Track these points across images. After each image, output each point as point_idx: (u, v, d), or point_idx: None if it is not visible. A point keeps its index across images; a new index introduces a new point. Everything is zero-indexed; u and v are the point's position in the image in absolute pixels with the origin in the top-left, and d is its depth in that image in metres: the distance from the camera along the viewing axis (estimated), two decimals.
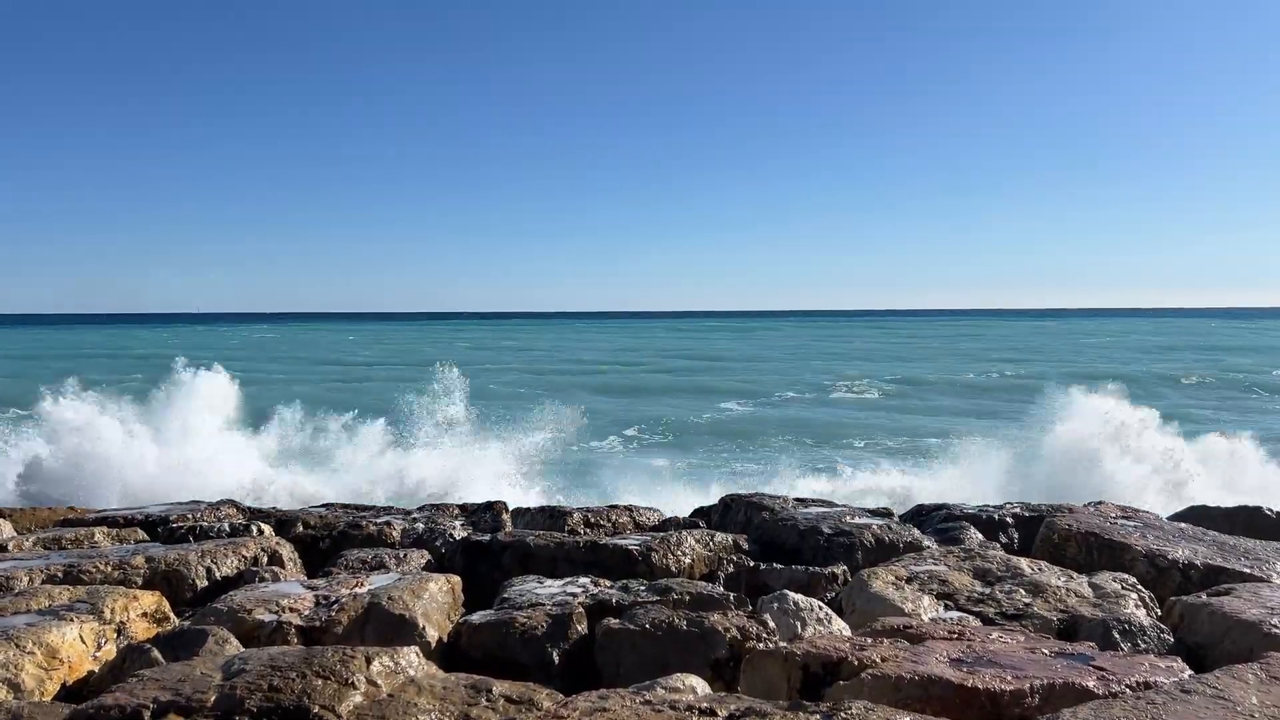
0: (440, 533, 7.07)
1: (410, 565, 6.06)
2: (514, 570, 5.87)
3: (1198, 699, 3.04)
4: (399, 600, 4.60)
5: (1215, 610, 4.33)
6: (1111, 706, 3.00)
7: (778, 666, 3.64)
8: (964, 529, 6.93)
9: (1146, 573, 5.48)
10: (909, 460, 17.77)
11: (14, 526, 7.38)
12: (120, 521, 7.30)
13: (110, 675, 3.85)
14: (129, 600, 4.56)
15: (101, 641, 4.20)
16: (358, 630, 4.45)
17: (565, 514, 7.85)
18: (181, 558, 5.67)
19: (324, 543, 6.98)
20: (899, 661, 3.48)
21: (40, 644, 3.91)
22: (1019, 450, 14.94)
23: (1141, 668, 3.49)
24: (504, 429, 16.22)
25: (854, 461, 17.80)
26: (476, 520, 7.97)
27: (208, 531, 6.93)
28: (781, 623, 4.58)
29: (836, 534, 6.51)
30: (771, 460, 17.99)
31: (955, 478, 14.25)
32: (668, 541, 6.21)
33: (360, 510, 8.36)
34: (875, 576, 5.07)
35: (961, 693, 3.24)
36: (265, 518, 7.70)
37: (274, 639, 4.31)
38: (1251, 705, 3.00)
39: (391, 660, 3.62)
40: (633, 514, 8.21)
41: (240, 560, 5.90)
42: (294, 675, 3.40)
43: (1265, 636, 3.99)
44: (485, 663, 4.24)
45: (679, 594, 4.90)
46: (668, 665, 3.94)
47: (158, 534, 7.02)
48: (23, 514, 8.32)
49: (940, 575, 5.14)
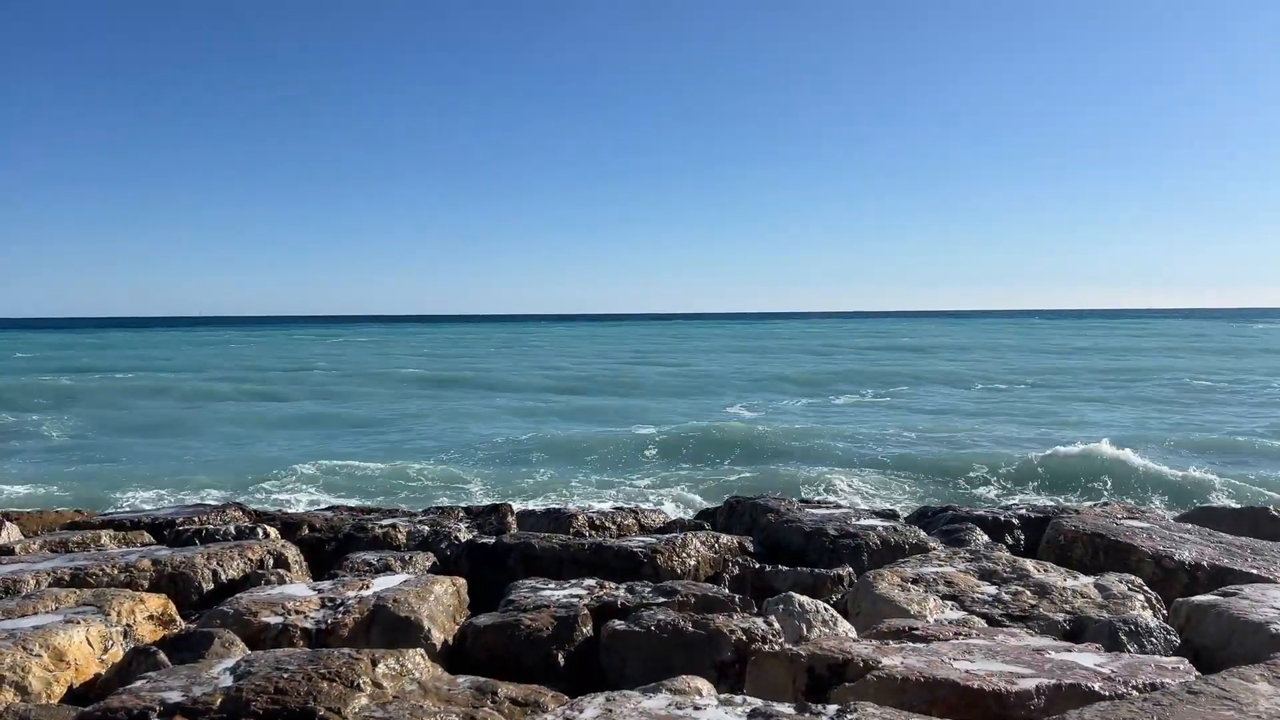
0: (445, 535, 7.08)
1: (416, 568, 6.06)
2: (519, 572, 5.87)
3: (1205, 701, 3.03)
4: (405, 603, 4.61)
5: (1222, 612, 4.32)
6: (1118, 708, 2.99)
7: (783, 668, 3.63)
8: (970, 530, 6.92)
9: (1153, 574, 5.46)
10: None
11: (21, 529, 7.40)
12: (127, 524, 7.32)
13: (117, 678, 3.86)
14: (135, 603, 4.58)
15: (108, 644, 4.21)
16: (363, 633, 4.46)
17: (570, 516, 7.86)
18: (188, 561, 5.69)
19: (330, 545, 7.00)
20: (905, 663, 3.48)
21: (47, 646, 3.92)
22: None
23: (1148, 669, 3.48)
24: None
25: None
26: (482, 523, 7.98)
27: (214, 534, 6.95)
28: (787, 625, 4.58)
29: (842, 536, 6.50)
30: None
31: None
32: (673, 543, 6.21)
33: (366, 513, 8.38)
34: (881, 578, 5.06)
35: (967, 694, 3.24)
36: (271, 520, 7.72)
37: (280, 641, 4.32)
38: (1260, 707, 2.98)
39: (397, 662, 3.62)
40: (638, 516, 8.22)
41: (246, 563, 5.92)
42: (300, 678, 3.40)
43: (1273, 638, 3.98)
44: (491, 665, 4.24)
45: (684, 596, 4.90)
46: (673, 667, 3.94)
47: (164, 537, 7.04)
48: (30, 517, 8.34)
49: (946, 576, 5.13)
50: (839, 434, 21.93)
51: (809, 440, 21.06)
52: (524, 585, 5.25)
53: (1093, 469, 16.91)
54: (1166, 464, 17.08)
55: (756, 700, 3.20)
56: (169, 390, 35.38)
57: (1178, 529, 6.40)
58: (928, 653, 3.63)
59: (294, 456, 19.86)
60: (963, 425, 23.62)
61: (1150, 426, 23.07)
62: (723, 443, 20.70)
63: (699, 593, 4.97)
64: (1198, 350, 57.65)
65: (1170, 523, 6.79)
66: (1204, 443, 19.99)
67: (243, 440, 22.79)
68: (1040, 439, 21.00)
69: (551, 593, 5.02)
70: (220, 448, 21.65)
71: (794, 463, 18.39)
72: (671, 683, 3.42)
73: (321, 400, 32.19)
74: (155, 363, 54.66)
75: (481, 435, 22.58)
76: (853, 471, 17.35)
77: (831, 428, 23.27)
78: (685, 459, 18.96)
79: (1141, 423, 23.91)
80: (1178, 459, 17.74)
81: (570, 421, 25.68)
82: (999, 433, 22.22)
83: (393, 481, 16.73)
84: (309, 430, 24.51)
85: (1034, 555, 6.01)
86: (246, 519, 7.75)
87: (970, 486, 15.94)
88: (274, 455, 20.31)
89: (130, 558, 5.67)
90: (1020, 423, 24.16)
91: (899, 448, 19.62)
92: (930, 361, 50.93)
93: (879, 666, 3.45)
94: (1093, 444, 18.04)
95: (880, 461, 18.25)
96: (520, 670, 4.17)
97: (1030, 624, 4.49)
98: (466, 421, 25.95)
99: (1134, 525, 6.30)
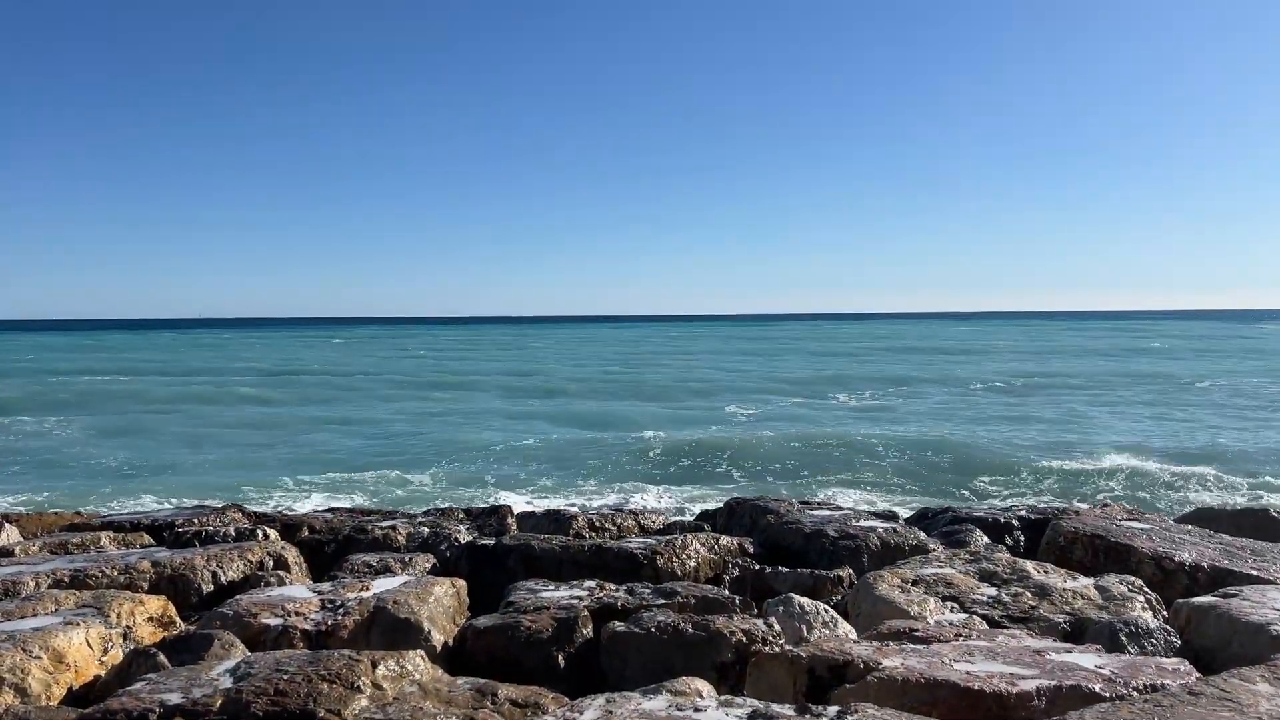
0: (446, 537, 7.07)
1: (416, 569, 6.06)
2: (519, 574, 5.87)
3: (1205, 702, 3.03)
4: (405, 604, 4.60)
5: (1223, 613, 4.31)
6: (1119, 709, 2.99)
7: (783, 670, 3.63)
8: (970, 531, 6.92)
9: (1153, 575, 5.46)
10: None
11: (20, 531, 7.40)
12: (126, 526, 7.31)
13: (117, 680, 3.86)
14: (135, 605, 4.57)
15: (108, 646, 4.20)
16: (364, 634, 4.45)
17: (570, 518, 7.86)
18: (187, 562, 5.68)
19: (330, 547, 6.99)
20: (905, 664, 3.47)
21: (47, 648, 3.91)
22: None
23: (1148, 670, 3.48)
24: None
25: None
26: (482, 524, 7.98)
27: (213, 536, 6.94)
28: (787, 626, 4.58)
29: (842, 537, 6.50)
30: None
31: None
32: (673, 545, 6.21)
33: (366, 514, 8.38)
34: (881, 579, 5.06)
35: (968, 696, 3.24)
36: (271, 522, 7.72)
37: (280, 643, 4.32)
38: (1260, 708, 2.98)
39: (397, 664, 3.62)
40: (638, 517, 8.22)
41: (246, 564, 5.91)
42: (300, 679, 3.40)
43: (1273, 639, 3.97)
44: (491, 666, 4.24)
45: (684, 597, 4.90)
46: (673, 669, 3.94)
47: (164, 538, 7.03)
48: (29, 519, 8.34)
49: (946, 578, 5.12)
50: (839, 435, 21.95)
51: (808, 442, 21.08)
52: (524, 587, 5.24)
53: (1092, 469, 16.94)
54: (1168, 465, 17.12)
55: (756, 702, 3.20)
56: (166, 393, 35.40)
57: (1178, 530, 6.40)
58: (928, 654, 3.63)
59: (293, 458, 19.88)
60: (962, 427, 23.65)
61: (1151, 429, 23.09)
62: (722, 444, 20.72)
63: (699, 594, 4.97)
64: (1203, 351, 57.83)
65: (1170, 524, 6.79)
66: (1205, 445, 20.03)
67: (242, 443, 22.80)
68: (1040, 440, 21.03)
69: (551, 594, 5.02)
70: (219, 450, 21.65)
71: (793, 464, 18.41)
72: (672, 684, 3.41)
73: (320, 403, 32.21)
74: (153, 365, 54.70)
75: (480, 438, 22.60)
76: (852, 472, 17.38)
77: (831, 429, 23.29)
78: (685, 460, 18.97)
79: (1141, 425, 23.93)
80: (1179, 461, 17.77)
81: (569, 424, 25.70)
82: (999, 434, 22.25)
83: (392, 483, 16.76)
84: (309, 432, 24.51)
85: (1034, 556, 6.00)
86: (246, 520, 7.74)
87: (970, 487, 15.96)
88: (274, 457, 20.32)
89: (130, 559, 5.66)
90: (1020, 424, 24.20)
91: (898, 449, 19.63)
92: (929, 363, 50.96)
93: (879, 668, 3.44)
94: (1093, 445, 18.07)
95: (880, 463, 18.26)
96: (520, 672, 4.17)
97: (1031, 625, 4.48)
98: (465, 423, 25.97)
99: (1134, 526, 6.30)
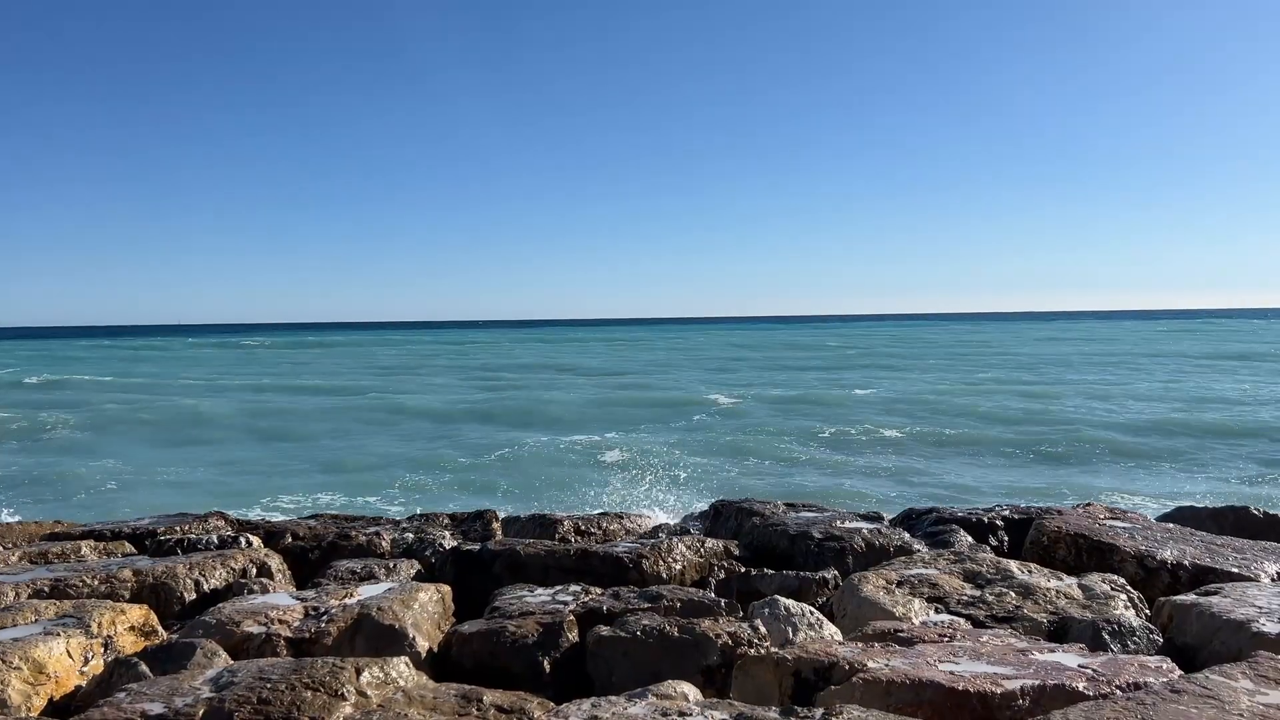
0: (430, 542, 7.04)
1: (400, 575, 6.03)
2: (505, 579, 5.84)
3: (1188, 699, 3.05)
4: (389, 611, 4.58)
5: (1204, 610, 4.35)
6: (1102, 708, 3.01)
7: (769, 672, 3.63)
8: (954, 532, 6.94)
9: (1135, 574, 5.50)
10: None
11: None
12: (107, 535, 7.24)
13: (98, 690, 3.82)
14: (116, 614, 4.52)
15: (89, 656, 4.17)
16: (348, 641, 4.43)
17: (555, 522, 7.84)
18: (169, 570, 5.63)
19: (313, 554, 6.95)
20: (890, 665, 3.48)
21: (27, 659, 3.87)
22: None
23: (1131, 668, 3.50)
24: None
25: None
26: (466, 529, 7.95)
27: (195, 544, 6.88)
28: (773, 628, 4.58)
29: (827, 539, 6.51)
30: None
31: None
32: (659, 548, 6.20)
33: (349, 521, 8.33)
34: (866, 581, 5.07)
35: (952, 696, 3.25)
36: (254, 529, 7.66)
37: (263, 651, 4.28)
38: (1242, 705, 3.01)
39: (381, 671, 3.60)
40: (623, 521, 8.21)
41: (229, 572, 5.87)
42: (283, 687, 3.38)
43: (1254, 636, 4.00)
44: (476, 672, 4.22)
45: (670, 601, 4.89)
46: (659, 672, 3.93)
47: (145, 547, 6.97)
48: (9, 528, 8.25)
49: (931, 579, 5.14)
50: (827, 436, 22.02)
51: (796, 443, 21.13)
52: (509, 592, 5.23)
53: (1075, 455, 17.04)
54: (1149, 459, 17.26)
55: (742, 705, 3.20)
56: (154, 402, 35.13)
57: (1159, 529, 6.44)
58: (913, 655, 3.64)
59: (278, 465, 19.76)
60: (949, 425, 23.76)
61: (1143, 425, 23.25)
62: (708, 446, 20.74)
63: (685, 597, 4.96)
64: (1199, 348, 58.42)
65: (1152, 522, 6.84)
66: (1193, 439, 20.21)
67: (228, 450, 22.65)
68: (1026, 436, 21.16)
69: (537, 599, 5.00)
70: (206, 453, 21.51)
71: (780, 465, 18.45)
72: (657, 688, 3.41)
73: (307, 409, 32.03)
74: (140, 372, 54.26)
75: (464, 442, 22.54)
76: (838, 473, 17.43)
77: (818, 429, 23.35)
78: (671, 463, 18.98)
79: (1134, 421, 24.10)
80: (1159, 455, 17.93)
81: (555, 427, 25.66)
82: (985, 433, 22.36)
83: (376, 489, 16.68)
84: (293, 440, 24.37)
85: (1018, 556, 6.03)
86: (229, 528, 7.68)
87: (955, 487, 16.04)
88: (257, 464, 20.20)
89: (111, 568, 5.61)
90: (1005, 423, 24.33)
91: (886, 449, 19.71)
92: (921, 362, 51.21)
93: (865, 669, 3.45)
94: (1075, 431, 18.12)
95: (866, 464, 18.33)
96: (506, 678, 4.15)
97: (1014, 625, 4.50)
98: (448, 428, 25.89)
99: (1116, 525, 6.34)
